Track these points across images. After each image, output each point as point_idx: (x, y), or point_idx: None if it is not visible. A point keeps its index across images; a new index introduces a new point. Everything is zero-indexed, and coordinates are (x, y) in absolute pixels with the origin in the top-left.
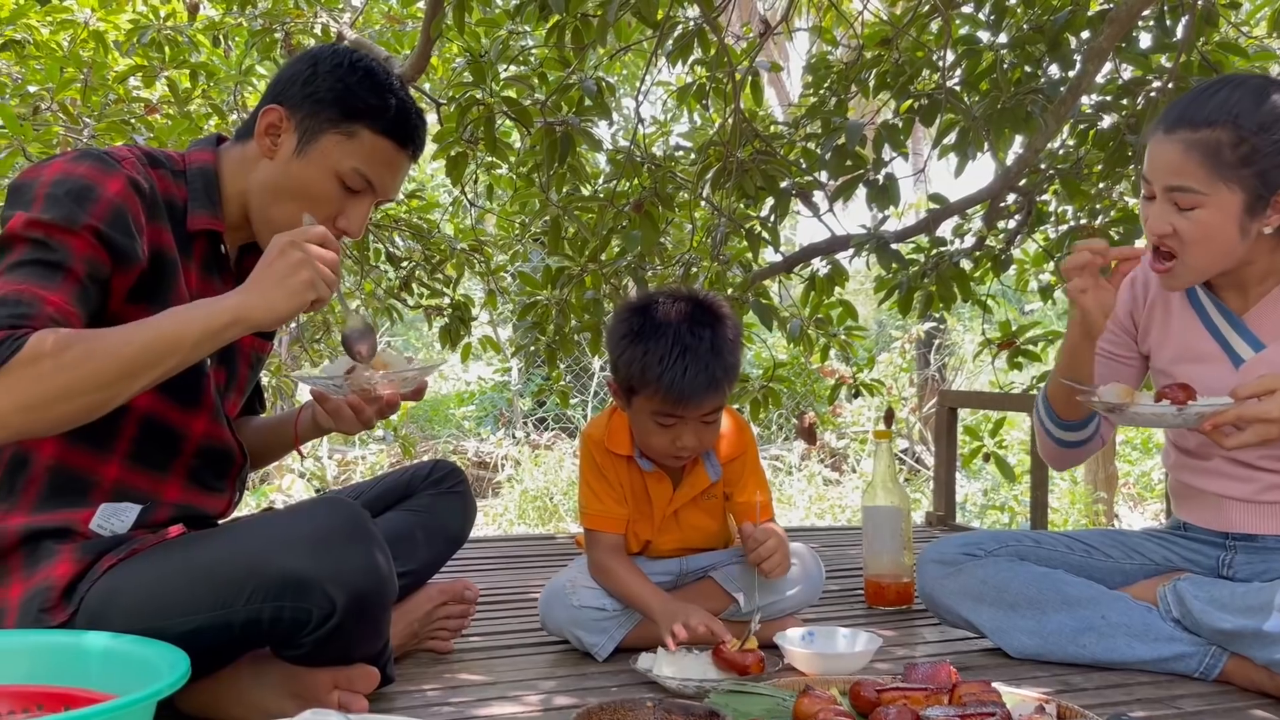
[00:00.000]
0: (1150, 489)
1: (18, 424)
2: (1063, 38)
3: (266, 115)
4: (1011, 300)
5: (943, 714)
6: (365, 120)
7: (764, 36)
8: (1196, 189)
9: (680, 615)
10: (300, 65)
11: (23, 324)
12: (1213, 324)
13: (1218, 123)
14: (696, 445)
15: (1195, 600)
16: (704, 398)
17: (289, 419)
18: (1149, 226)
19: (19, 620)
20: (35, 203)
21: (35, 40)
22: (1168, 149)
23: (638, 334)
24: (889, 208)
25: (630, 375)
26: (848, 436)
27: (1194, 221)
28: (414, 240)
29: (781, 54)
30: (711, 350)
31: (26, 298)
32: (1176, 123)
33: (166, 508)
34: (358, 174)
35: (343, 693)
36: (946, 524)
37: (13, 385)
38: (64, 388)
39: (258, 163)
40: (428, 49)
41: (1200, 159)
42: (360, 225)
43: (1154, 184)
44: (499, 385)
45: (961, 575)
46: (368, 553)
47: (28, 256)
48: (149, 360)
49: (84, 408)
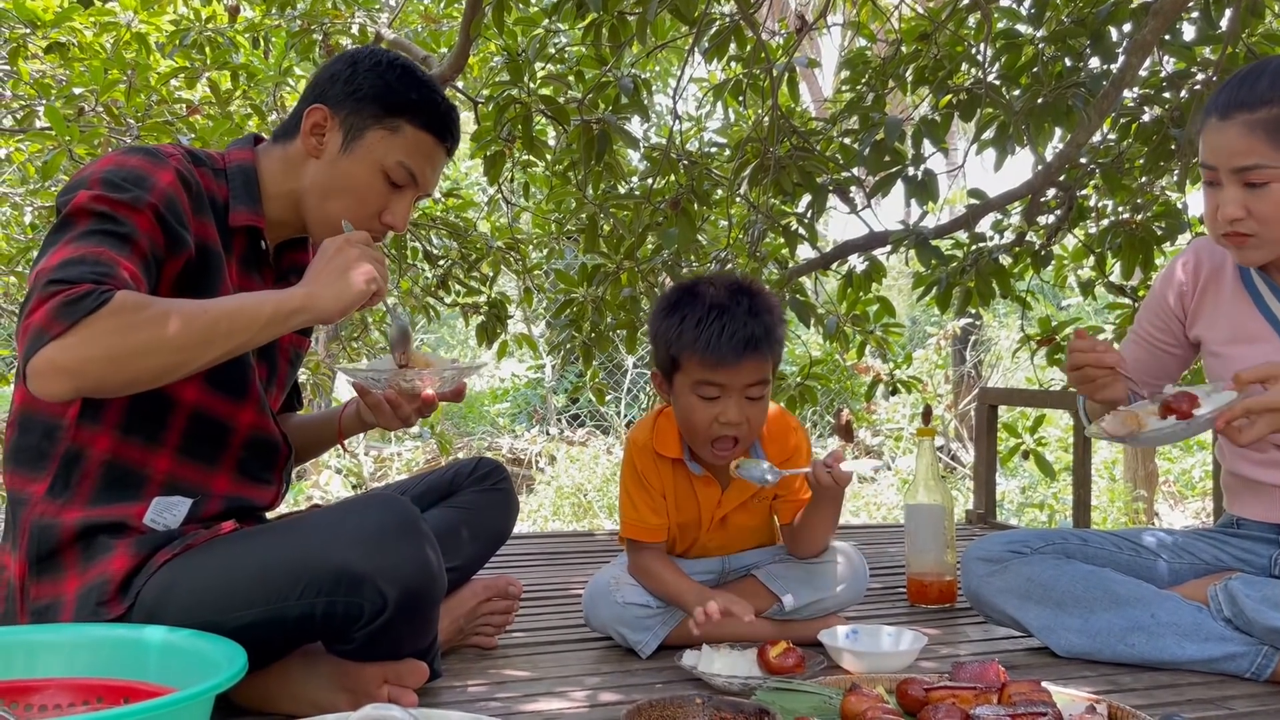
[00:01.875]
0: (1191, 487)
1: (97, 374)
2: (1105, 30)
3: (311, 115)
4: (1048, 296)
5: (992, 713)
6: (407, 115)
7: (802, 33)
8: (1269, 164)
9: (707, 597)
10: (340, 65)
11: (105, 280)
12: (1265, 305)
13: (1274, 100)
14: (740, 421)
15: (1248, 599)
16: (742, 358)
17: (333, 415)
18: (1222, 214)
19: (76, 613)
20: (94, 184)
21: (80, 43)
22: (1229, 132)
23: (674, 305)
24: (928, 203)
25: (668, 344)
26: (883, 434)
27: (1268, 198)
28: (451, 238)
29: (814, 50)
30: (749, 312)
31: (104, 259)
32: (1230, 106)
33: (217, 500)
34: (402, 168)
35: (392, 687)
36: (987, 521)
37: (97, 335)
38: (144, 344)
39: (304, 162)
40: (466, 48)
41: (1265, 135)
42: (404, 219)
43: (1220, 169)
44: (533, 382)
45: (1007, 573)
46: (419, 549)
47: (96, 227)
48: (223, 331)
49: (159, 367)
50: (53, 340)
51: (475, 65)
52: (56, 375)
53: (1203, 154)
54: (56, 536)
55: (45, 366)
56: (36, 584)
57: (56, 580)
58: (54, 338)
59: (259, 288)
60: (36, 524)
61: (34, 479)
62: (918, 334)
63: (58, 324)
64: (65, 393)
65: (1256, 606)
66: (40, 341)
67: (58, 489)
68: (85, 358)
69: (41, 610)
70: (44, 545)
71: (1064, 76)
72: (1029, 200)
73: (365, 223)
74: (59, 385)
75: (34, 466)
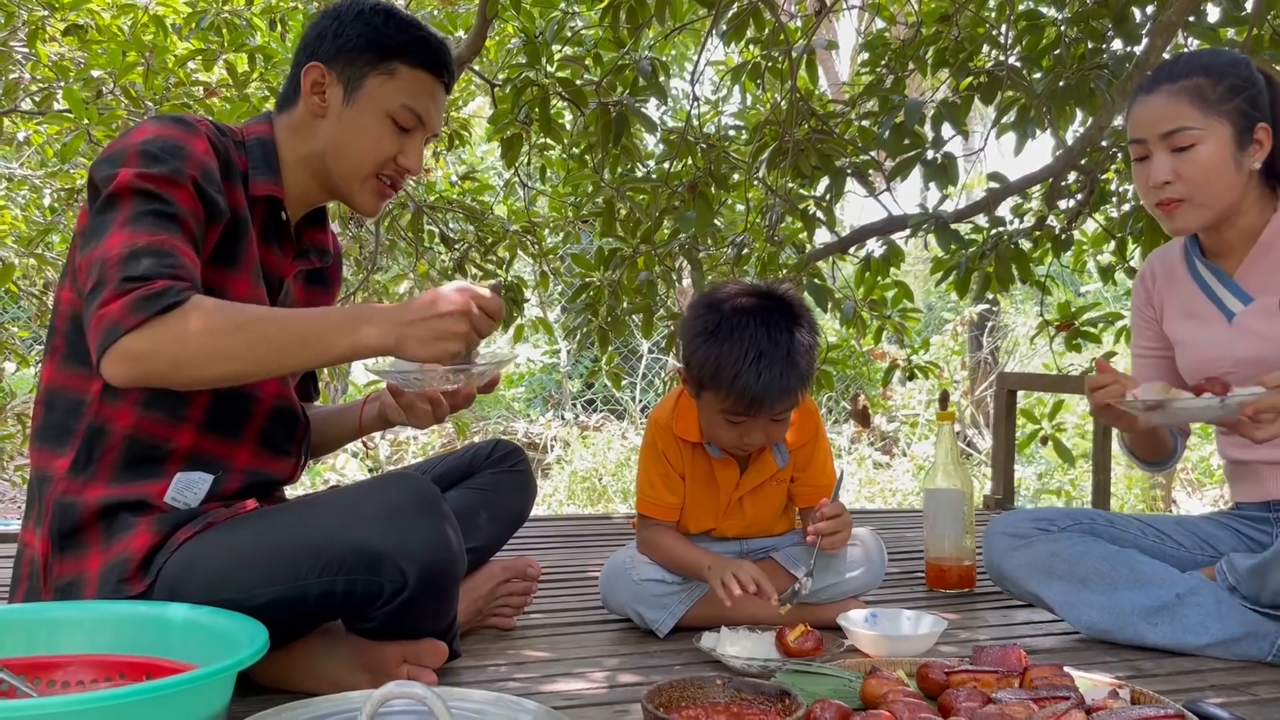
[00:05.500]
0: (1210, 474)
1: (165, 370)
2: (1128, 11)
3: (309, 74)
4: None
5: (1014, 697)
6: (400, 57)
7: (820, 15)
8: (1192, 125)
9: (730, 567)
10: (325, 22)
11: (177, 275)
12: (1207, 286)
13: (1193, 73)
14: (764, 442)
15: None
16: (776, 403)
17: (351, 410)
18: (1151, 179)
19: (99, 590)
20: (133, 160)
21: (98, 25)
22: (1155, 102)
23: (713, 333)
24: (946, 187)
25: (703, 374)
26: (898, 420)
27: (1194, 160)
28: (467, 222)
29: (831, 32)
30: (787, 357)
31: (168, 247)
32: (1154, 82)
33: (237, 475)
34: (407, 109)
35: (412, 666)
36: (1005, 507)
37: (171, 338)
38: (215, 352)
39: (312, 124)
40: (484, 29)
41: (1189, 99)
42: (419, 161)
43: (1147, 139)
44: (548, 367)
45: (1032, 548)
46: (439, 528)
47: (145, 208)
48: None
49: (226, 374)
50: (127, 334)
51: (492, 48)
52: (129, 364)
53: (1131, 131)
54: (78, 514)
55: (120, 355)
56: (60, 561)
57: (79, 558)
58: (128, 331)
59: (278, 260)
60: (59, 502)
61: (57, 455)
62: (934, 319)
63: (132, 318)
64: (133, 380)
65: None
66: (115, 333)
67: (80, 465)
68: (157, 353)
69: (64, 587)
70: (66, 523)
71: (1086, 58)
72: (1049, 184)
73: (382, 167)
74: (129, 372)
75: (58, 443)
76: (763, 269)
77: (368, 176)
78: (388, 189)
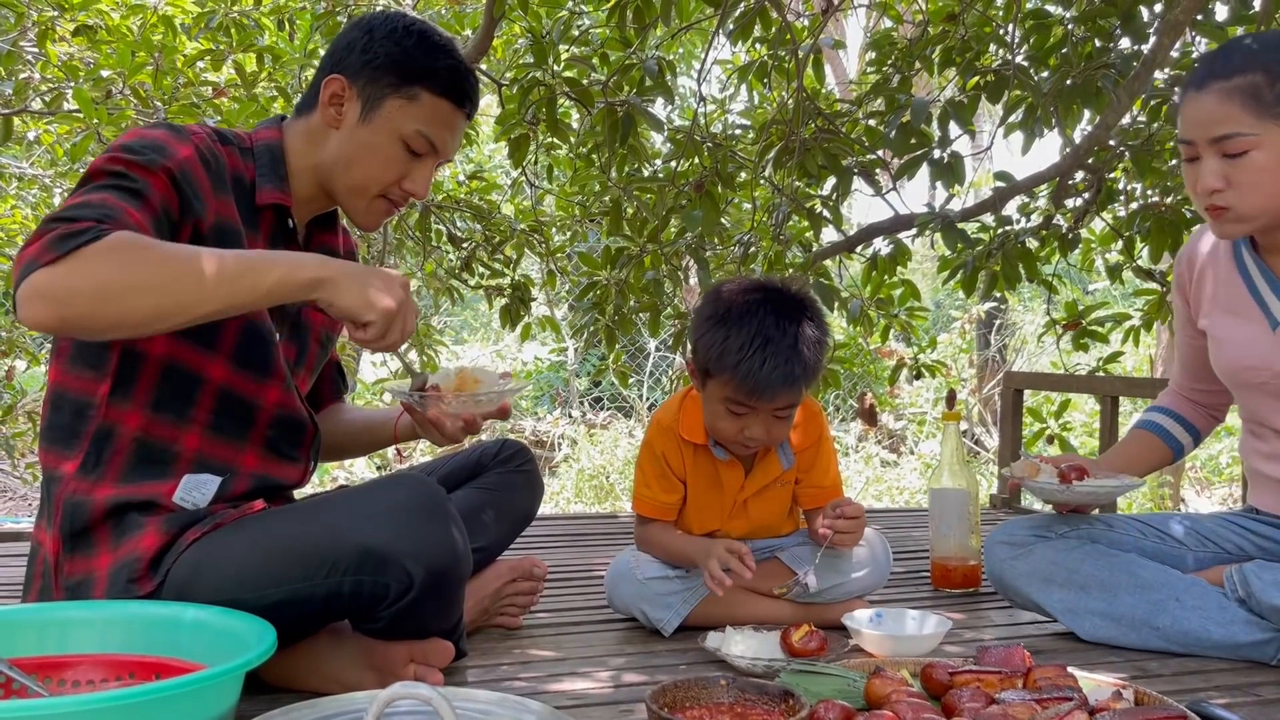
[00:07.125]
0: (1218, 473)
1: (85, 308)
2: (1136, 10)
3: (329, 85)
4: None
5: (1018, 698)
6: (424, 83)
7: (827, 14)
8: (1245, 131)
9: (714, 549)
10: (355, 33)
11: (107, 221)
12: (1254, 285)
13: (1249, 69)
14: (764, 438)
15: (1258, 580)
16: (778, 392)
17: (388, 417)
18: (1200, 185)
19: (108, 590)
20: (114, 150)
21: (107, 25)
22: (1205, 103)
23: (721, 318)
24: (954, 186)
25: (708, 358)
26: (905, 418)
27: (1246, 167)
28: (475, 221)
29: (838, 31)
30: (793, 347)
31: (110, 204)
32: (1206, 78)
33: (245, 478)
34: (421, 136)
35: (418, 666)
36: (1011, 507)
37: (89, 269)
38: (136, 282)
39: (325, 134)
40: (491, 29)
41: (1243, 102)
42: (425, 187)
43: (1197, 142)
44: (555, 365)
45: (1031, 557)
46: (445, 529)
47: (109, 183)
48: (223, 281)
49: (150, 310)
50: (43, 268)
51: (499, 47)
52: (43, 301)
53: (1181, 129)
54: (88, 514)
55: (31, 292)
56: (70, 561)
57: (89, 557)
58: (44, 265)
59: None
60: (69, 501)
61: (66, 456)
62: (942, 318)
63: (49, 253)
64: (50, 321)
65: (1265, 588)
66: (30, 269)
67: (89, 466)
68: (73, 288)
69: (75, 586)
70: (76, 522)
71: (1094, 57)
72: (1056, 183)
73: (386, 190)
74: (44, 311)
75: (66, 444)
76: (769, 268)
77: (372, 196)
78: (389, 208)
